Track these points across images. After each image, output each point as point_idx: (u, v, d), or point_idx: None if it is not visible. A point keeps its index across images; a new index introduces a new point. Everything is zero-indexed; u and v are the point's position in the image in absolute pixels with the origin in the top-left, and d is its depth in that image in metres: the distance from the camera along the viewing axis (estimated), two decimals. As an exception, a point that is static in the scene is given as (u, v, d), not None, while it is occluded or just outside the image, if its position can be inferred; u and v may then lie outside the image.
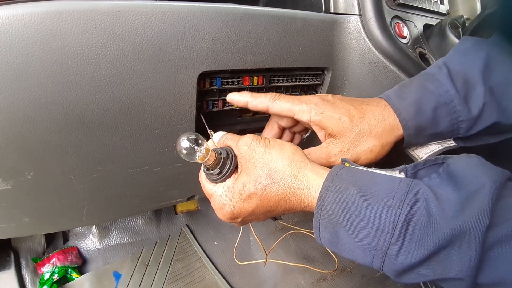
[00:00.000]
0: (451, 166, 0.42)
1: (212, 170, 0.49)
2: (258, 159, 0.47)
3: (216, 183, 0.51)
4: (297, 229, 1.21)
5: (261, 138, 0.50)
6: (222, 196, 0.50)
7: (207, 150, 0.47)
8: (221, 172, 0.49)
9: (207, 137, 0.57)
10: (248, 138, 0.49)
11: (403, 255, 0.38)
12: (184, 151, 0.46)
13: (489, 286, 0.36)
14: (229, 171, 0.49)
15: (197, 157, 0.47)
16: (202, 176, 0.53)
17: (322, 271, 1.16)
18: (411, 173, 0.47)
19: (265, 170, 0.46)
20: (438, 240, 0.36)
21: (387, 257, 0.39)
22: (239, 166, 0.50)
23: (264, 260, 0.83)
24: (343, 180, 0.44)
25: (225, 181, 0.50)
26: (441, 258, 0.37)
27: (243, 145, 0.49)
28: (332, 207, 0.42)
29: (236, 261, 0.97)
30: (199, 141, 0.46)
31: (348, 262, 1.25)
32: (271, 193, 0.47)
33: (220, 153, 0.49)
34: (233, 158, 0.49)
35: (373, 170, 0.47)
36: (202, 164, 0.50)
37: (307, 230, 1.17)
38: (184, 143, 0.46)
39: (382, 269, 0.40)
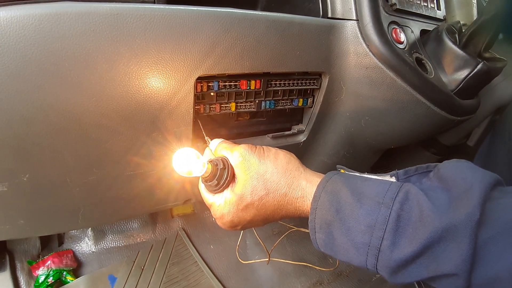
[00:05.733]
0: (441, 170, 0.43)
1: (210, 181, 0.50)
2: (253, 170, 0.49)
3: (215, 193, 0.52)
4: (294, 228, 1.21)
5: (256, 148, 0.51)
6: (221, 206, 0.51)
7: (203, 164, 0.48)
8: (218, 183, 0.50)
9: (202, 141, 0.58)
10: (243, 148, 0.50)
11: (396, 251, 0.38)
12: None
13: (484, 284, 0.36)
14: (226, 182, 0.50)
15: (194, 172, 0.48)
16: (201, 186, 0.55)
17: (324, 269, 1.16)
18: (402, 179, 0.49)
19: (260, 181, 0.48)
20: (430, 233, 0.36)
21: (381, 254, 0.39)
22: (235, 176, 0.51)
23: (267, 259, 0.88)
24: (336, 183, 0.45)
25: (223, 191, 0.51)
26: (434, 254, 0.37)
27: (238, 156, 0.50)
28: (326, 207, 0.43)
29: (240, 259, 1.00)
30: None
31: (344, 267, 1.25)
32: (267, 203, 0.48)
33: (217, 165, 0.50)
34: (229, 169, 0.50)
35: (366, 175, 0.49)
36: (200, 176, 0.51)
37: (304, 229, 1.18)
38: (180, 160, 0.47)
39: (376, 269, 0.41)
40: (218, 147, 0.54)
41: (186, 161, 0.47)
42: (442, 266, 0.37)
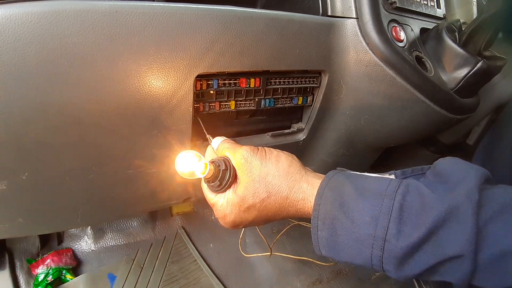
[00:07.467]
0: (437, 167, 0.46)
1: (212, 182, 0.51)
2: (255, 172, 0.49)
3: (217, 193, 0.53)
4: (295, 222, 1.22)
5: (258, 150, 0.52)
6: (223, 206, 0.52)
7: (206, 165, 0.49)
8: (220, 184, 0.51)
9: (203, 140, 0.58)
10: (245, 150, 0.51)
11: (401, 238, 0.39)
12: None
13: (491, 263, 0.37)
14: (228, 183, 0.51)
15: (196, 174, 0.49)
16: (204, 186, 0.55)
17: (323, 263, 1.16)
18: (400, 178, 0.50)
19: (262, 183, 0.49)
20: (434, 217, 0.38)
21: (387, 243, 0.40)
22: (237, 177, 0.51)
23: (269, 253, 0.92)
24: (339, 180, 0.46)
25: (225, 191, 0.52)
26: (439, 237, 0.38)
27: (240, 158, 0.51)
28: (330, 201, 0.44)
29: (242, 253, 1.02)
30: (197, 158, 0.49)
31: (344, 265, 1.25)
32: (269, 205, 0.49)
33: (219, 166, 0.51)
34: (231, 170, 0.51)
35: (365, 174, 0.50)
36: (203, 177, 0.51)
37: (305, 223, 1.19)
38: (182, 162, 0.48)
39: (382, 263, 0.41)
40: (220, 146, 0.55)
41: (188, 163, 0.48)
42: (448, 249, 0.38)
